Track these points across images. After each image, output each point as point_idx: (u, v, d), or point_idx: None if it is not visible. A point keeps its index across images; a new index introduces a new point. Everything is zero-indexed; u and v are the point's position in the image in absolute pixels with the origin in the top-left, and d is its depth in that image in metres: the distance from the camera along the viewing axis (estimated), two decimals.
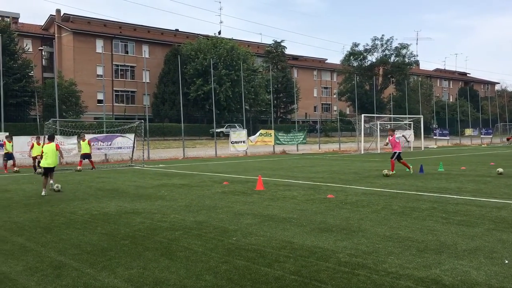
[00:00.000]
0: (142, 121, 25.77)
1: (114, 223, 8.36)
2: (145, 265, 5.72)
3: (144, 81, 40.93)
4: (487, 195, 11.21)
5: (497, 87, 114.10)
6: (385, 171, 16.20)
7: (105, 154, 26.31)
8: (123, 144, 24.61)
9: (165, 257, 6.08)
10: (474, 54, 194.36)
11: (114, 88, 62.57)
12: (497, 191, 11.91)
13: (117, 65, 63.26)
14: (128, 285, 5.03)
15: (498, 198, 10.70)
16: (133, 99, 64.88)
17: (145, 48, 63.25)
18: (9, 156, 21.07)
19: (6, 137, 21.83)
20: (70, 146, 23.86)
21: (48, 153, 12.65)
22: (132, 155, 24.51)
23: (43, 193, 12.26)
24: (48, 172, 12.70)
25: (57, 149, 12.86)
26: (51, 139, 13.29)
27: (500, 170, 16.86)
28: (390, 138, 17.35)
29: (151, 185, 14.41)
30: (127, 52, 64.56)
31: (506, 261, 5.66)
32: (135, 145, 24.94)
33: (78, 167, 20.62)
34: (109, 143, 24.35)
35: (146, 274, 5.39)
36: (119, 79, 63.57)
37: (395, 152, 16.85)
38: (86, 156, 21.21)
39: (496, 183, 13.66)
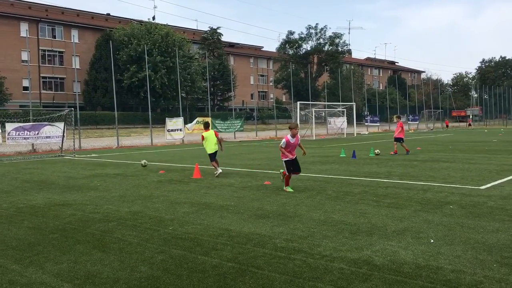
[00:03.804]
0: (72, 109, 24.67)
1: (42, 216, 7.95)
2: (76, 259, 5.48)
3: (74, 67, 39.12)
4: (414, 178, 11.81)
5: (423, 76, 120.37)
6: None
7: (32, 144, 24.99)
8: (52, 133, 23.40)
9: (97, 249, 5.87)
10: (402, 44, 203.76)
11: (41, 75, 59.37)
12: (423, 174, 12.58)
13: (44, 50, 60.01)
14: (58, 280, 4.80)
15: (423, 181, 11.30)
16: (62, 86, 61.93)
17: (74, 33, 60.33)
18: None
19: None
20: None
21: (209, 139, 13.62)
22: (62, 144, 23.45)
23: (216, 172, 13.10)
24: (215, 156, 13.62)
25: (216, 136, 13.73)
26: (207, 127, 14.33)
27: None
28: None
29: (82, 176, 13.84)
30: (54, 37, 61.35)
31: (432, 241, 5.98)
32: (64, 134, 23.85)
33: None
34: (37, 132, 23.06)
35: (77, 268, 5.17)
36: (47, 65, 60.38)
37: None
38: None
39: (422, 167, 14.42)
